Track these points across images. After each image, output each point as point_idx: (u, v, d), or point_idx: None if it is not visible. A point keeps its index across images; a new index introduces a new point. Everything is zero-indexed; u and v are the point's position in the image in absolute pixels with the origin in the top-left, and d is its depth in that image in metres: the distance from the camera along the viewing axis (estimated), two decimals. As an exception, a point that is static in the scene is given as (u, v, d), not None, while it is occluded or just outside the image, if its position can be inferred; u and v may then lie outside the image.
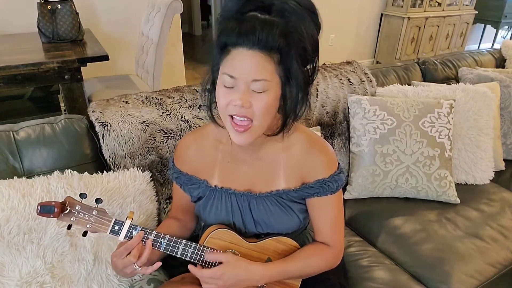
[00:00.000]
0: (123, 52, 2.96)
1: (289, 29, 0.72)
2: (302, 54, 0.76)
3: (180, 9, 2.17)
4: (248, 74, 0.73)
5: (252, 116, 0.77)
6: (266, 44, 0.71)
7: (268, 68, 0.74)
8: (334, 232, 0.96)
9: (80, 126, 1.15)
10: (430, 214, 1.47)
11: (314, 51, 0.79)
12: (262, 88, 0.74)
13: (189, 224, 1.08)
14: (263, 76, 0.73)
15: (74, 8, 2.11)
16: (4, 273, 0.90)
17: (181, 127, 1.22)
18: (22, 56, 1.86)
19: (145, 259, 0.85)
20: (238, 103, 0.75)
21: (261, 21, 0.71)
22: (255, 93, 0.75)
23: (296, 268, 0.92)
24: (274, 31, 0.71)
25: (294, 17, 0.73)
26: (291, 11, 0.73)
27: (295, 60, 0.75)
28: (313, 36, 0.77)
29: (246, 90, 0.75)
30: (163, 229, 1.02)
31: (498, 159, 1.77)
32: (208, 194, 0.95)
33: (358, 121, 1.53)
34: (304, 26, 0.74)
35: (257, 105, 0.76)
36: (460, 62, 2.10)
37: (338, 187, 0.92)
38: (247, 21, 0.72)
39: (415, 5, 4.31)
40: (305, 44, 0.75)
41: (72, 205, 0.84)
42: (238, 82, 0.75)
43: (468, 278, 1.23)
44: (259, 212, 0.93)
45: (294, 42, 0.73)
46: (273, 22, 0.71)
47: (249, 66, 0.73)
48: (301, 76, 0.77)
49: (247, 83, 0.74)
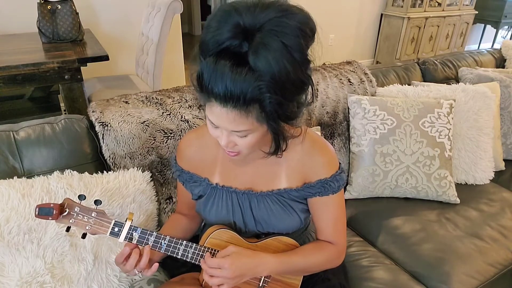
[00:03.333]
0: (123, 52, 2.95)
1: (267, 79, 0.64)
2: (288, 92, 0.69)
3: (180, 9, 2.17)
4: (227, 126, 0.72)
5: (239, 150, 0.80)
6: (239, 102, 0.66)
7: (247, 121, 0.70)
8: (336, 231, 0.96)
9: (80, 126, 1.15)
10: (430, 214, 1.47)
11: (304, 82, 0.71)
12: (244, 134, 0.74)
13: (197, 218, 1.08)
14: (241, 128, 0.72)
15: (74, 8, 2.11)
16: (4, 273, 0.90)
17: (181, 127, 1.22)
18: (22, 56, 1.86)
19: (144, 264, 0.84)
20: (223, 144, 0.77)
21: (232, 77, 0.64)
22: (238, 137, 0.75)
23: (300, 261, 0.92)
24: (247, 87, 0.64)
25: (274, 57, 0.63)
26: (270, 50, 0.63)
27: (278, 103, 0.67)
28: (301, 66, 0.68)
29: (229, 134, 0.75)
30: (172, 223, 1.04)
31: (498, 159, 1.77)
32: (209, 193, 0.96)
33: (358, 121, 1.53)
34: (288, 62, 0.65)
35: (242, 144, 0.77)
36: (460, 62, 2.10)
37: (340, 187, 0.92)
38: (219, 76, 0.64)
39: (415, 5, 4.31)
40: (290, 82, 0.67)
41: (71, 207, 0.83)
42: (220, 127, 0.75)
43: (468, 278, 1.23)
44: (259, 211, 0.93)
45: (274, 89, 0.65)
46: (246, 78, 0.64)
47: (226, 122, 0.71)
48: (289, 110, 0.72)
49: (228, 130, 0.74)
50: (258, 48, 0.63)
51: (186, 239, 0.95)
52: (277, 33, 0.64)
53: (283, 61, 0.64)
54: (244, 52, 0.64)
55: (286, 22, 0.64)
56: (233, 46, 0.64)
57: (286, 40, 0.64)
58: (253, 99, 0.66)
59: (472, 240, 1.36)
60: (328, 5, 4.10)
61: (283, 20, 0.64)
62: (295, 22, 0.65)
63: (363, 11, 4.44)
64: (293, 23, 0.65)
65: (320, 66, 1.65)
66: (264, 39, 0.63)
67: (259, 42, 0.63)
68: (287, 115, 0.72)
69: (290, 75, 0.66)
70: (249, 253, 0.86)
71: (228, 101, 0.66)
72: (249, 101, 0.66)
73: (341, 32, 4.38)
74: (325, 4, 4.07)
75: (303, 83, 0.71)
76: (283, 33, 0.64)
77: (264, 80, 0.64)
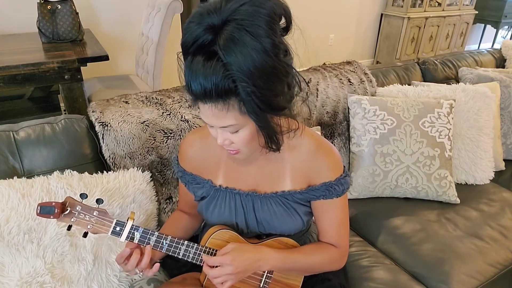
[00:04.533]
0: (123, 52, 2.95)
1: (235, 68, 0.64)
2: (262, 81, 0.67)
3: (180, 9, 2.18)
4: (214, 123, 0.74)
5: (237, 147, 0.80)
6: (214, 96, 0.67)
7: (230, 115, 0.71)
8: (339, 235, 0.96)
9: (80, 126, 1.15)
10: (430, 214, 1.47)
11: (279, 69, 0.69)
12: (233, 129, 0.75)
13: (199, 216, 1.08)
14: (227, 123, 0.73)
15: (74, 8, 2.11)
16: (4, 273, 0.90)
17: (181, 127, 1.21)
18: (22, 56, 1.86)
19: (145, 264, 0.84)
20: (218, 142, 0.78)
21: (204, 72, 0.65)
22: (230, 133, 0.76)
23: (301, 259, 0.92)
24: (217, 80, 0.65)
25: (240, 47, 0.64)
26: (236, 41, 0.64)
27: (254, 93, 0.67)
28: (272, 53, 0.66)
29: (222, 131, 0.76)
30: (173, 221, 1.04)
31: (498, 159, 1.77)
32: (212, 194, 0.95)
33: (358, 121, 1.53)
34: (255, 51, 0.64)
35: (237, 141, 0.78)
36: (460, 62, 2.10)
37: (344, 190, 0.91)
38: (193, 74, 0.66)
39: (415, 5, 4.31)
40: (261, 70, 0.66)
41: (73, 205, 0.83)
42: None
43: (468, 278, 1.23)
44: (262, 212, 0.93)
45: (245, 78, 0.65)
46: (216, 70, 0.64)
47: (211, 117, 0.72)
48: (271, 100, 0.71)
49: (219, 127, 0.75)
50: (225, 40, 0.64)
51: (187, 237, 0.95)
52: (242, 22, 0.64)
53: (250, 51, 0.64)
54: (212, 46, 0.65)
55: (249, 10, 0.65)
56: (205, 41, 0.65)
57: (251, 28, 0.64)
58: (226, 91, 0.66)
59: (472, 240, 1.36)
60: (328, 5, 4.09)
61: (246, 9, 0.65)
62: (261, 9, 0.65)
63: (363, 11, 4.44)
64: (258, 9, 0.65)
65: (320, 66, 1.65)
66: (230, 31, 0.64)
67: (226, 35, 0.64)
68: (269, 105, 0.71)
69: (259, 63, 0.65)
70: (249, 248, 0.86)
71: (207, 97, 0.68)
72: (224, 93, 0.67)
73: (341, 32, 4.38)
74: (325, 4, 4.07)
75: (278, 71, 0.69)
76: (247, 21, 0.64)
77: (233, 70, 0.64)
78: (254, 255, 0.85)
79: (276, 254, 0.88)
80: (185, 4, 2.91)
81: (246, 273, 0.84)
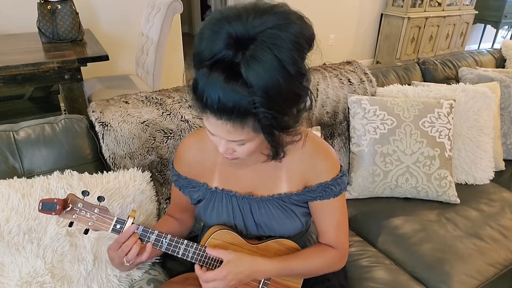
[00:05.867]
0: (123, 52, 2.96)
1: (260, 93, 0.62)
2: (283, 106, 0.67)
3: (180, 9, 2.17)
4: (223, 136, 0.72)
5: (238, 156, 0.79)
6: (232, 115, 0.65)
7: (243, 132, 0.69)
8: (338, 235, 0.96)
9: (80, 126, 1.15)
10: (430, 214, 1.47)
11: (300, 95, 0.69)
12: (241, 143, 0.74)
13: (188, 223, 1.08)
14: (237, 138, 0.71)
15: (74, 8, 2.11)
16: (4, 273, 0.90)
17: (181, 127, 1.21)
18: (22, 56, 1.86)
19: (144, 260, 0.85)
20: (221, 151, 0.76)
21: (224, 89, 0.62)
22: (237, 145, 0.75)
23: (299, 266, 0.91)
24: (240, 102, 0.63)
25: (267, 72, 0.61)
26: (263, 64, 0.61)
27: (273, 117, 0.66)
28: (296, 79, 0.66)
29: (227, 142, 0.75)
30: (161, 226, 1.02)
31: (498, 159, 1.77)
32: (208, 197, 0.95)
33: (358, 121, 1.53)
34: (282, 77, 0.63)
35: (241, 152, 0.77)
36: (460, 62, 2.10)
37: (341, 190, 0.91)
38: (212, 89, 0.63)
39: (415, 5, 4.31)
40: (284, 97, 0.65)
41: (74, 202, 0.84)
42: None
43: (468, 278, 1.23)
44: (260, 215, 0.92)
45: (267, 104, 0.64)
46: (238, 91, 0.62)
47: (222, 132, 0.70)
48: (285, 122, 0.70)
49: (226, 139, 0.74)
50: (251, 61, 0.61)
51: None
52: (270, 46, 0.61)
53: (276, 76, 0.62)
54: (237, 64, 0.62)
55: (280, 34, 0.62)
56: (226, 57, 0.62)
57: (280, 54, 0.62)
58: (247, 112, 0.64)
59: (472, 240, 1.36)
60: (328, 5, 4.10)
61: (276, 33, 0.62)
62: (290, 35, 0.63)
63: (363, 11, 4.44)
64: (288, 35, 0.62)
65: (320, 66, 1.65)
66: (256, 52, 0.61)
67: (251, 55, 0.61)
68: (283, 126, 0.71)
69: (283, 90, 0.64)
70: (247, 260, 0.86)
71: (222, 114, 0.65)
72: (243, 114, 0.65)
73: (341, 32, 4.38)
74: (325, 4, 4.07)
75: (299, 96, 0.69)
76: (276, 46, 0.61)
77: (257, 95, 0.62)
78: (249, 268, 0.85)
79: (272, 265, 0.88)
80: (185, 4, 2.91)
81: (241, 283, 0.85)
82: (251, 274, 0.85)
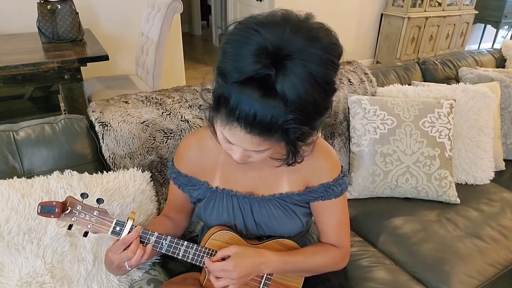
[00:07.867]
0: (123, 52, 2.96)
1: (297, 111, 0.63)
2: (313, 121, 0.69)
3: (180, 9, 2.17)
4: (246, 147, 0.72)
5: (252, 161, 0.79)
6: (264, 129, 0.65)
7: (268, 143, 0.70)
8: (340, 235, 0.96)
9: (80, 126, 1.15)
10: (430, 214, 1.47)
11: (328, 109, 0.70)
12: (261, 152, 0.74)
13: (182, 223, 1.07)
14: (260, 148, 0.71)
15: (74, 8, 2.11)
16: (4, 273, 0.90)
17: (181, 127, 1.21)
18: (22, 56, 1.86)
19: (143, 261, 0.85)
20: (236, 158, 0.76)
21: (262, 105, 0.62)
22: (255, 153, 0.75)
23: (303, 262, 0.91)
24: (276, 119, 0.63)
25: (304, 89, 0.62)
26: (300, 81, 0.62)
27: (302, 132, 0.68)
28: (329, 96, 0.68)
29: (244, 151, 0.74)
30: (155, 226, 1.00)
31: (498, 159, 1.77)
32: (208, 196, 0.95)
33: (358, 121, 1.53)
34: (318, 94, 0.64)
35: (257, 158, 0.77)
36: (460, 62, 2.10)
37: (343, 191, 0.91)
38: (246, 105, 0.62)
39: (415, 5, 4.31)
40: (317, 112, 0.67)
41: (73, 205, 0.84)
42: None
43: (468, 278, 1.23)
44: (261, 215, 0.92)
45: (301, 120, 0.65)
46: (276, 108, 0.62)
47: (247, 144, 0.70)
48: (310, 133, 0.71)
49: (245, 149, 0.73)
50: (288, 78, 0.61)
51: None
52: (306, 63, 0.62)
53: (312, 94, 0.63)
54: (272, 81, 0.61)
55: (316, 52, 0.63)
56: (261, 73, 0.61)
57: (316, 71, 0.62)
58: (279, 127, 0.64)
59: (472, 240, 1.36)
60: (328, 5, 4.10)
61: (313, 51, 0.63)
62: (325, 52, 0.64)
63: (363, 11, 4.44)
64: (322, 53, 0.63)
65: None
66: (294, 69, 0.61)
67: (288, 72, 0.61)
68: (306, 138, 0.72)
69: (318, 106, 0.66)
70: (251, 252, 0.86)
71: (254, 128, 0.65)
72: (276, 129, 0.65)
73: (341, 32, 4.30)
74: (325, 4, 4.07)
75: (327, 110, 0.70)
76: (312, 63, 0.62)
77: (294, 113, 0.63)
78: (256, 259, 0.85)
79: (277, 257, 0.88)
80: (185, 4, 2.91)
81: (248, 277, 0.85)
82: (257, 265, 0.84)
